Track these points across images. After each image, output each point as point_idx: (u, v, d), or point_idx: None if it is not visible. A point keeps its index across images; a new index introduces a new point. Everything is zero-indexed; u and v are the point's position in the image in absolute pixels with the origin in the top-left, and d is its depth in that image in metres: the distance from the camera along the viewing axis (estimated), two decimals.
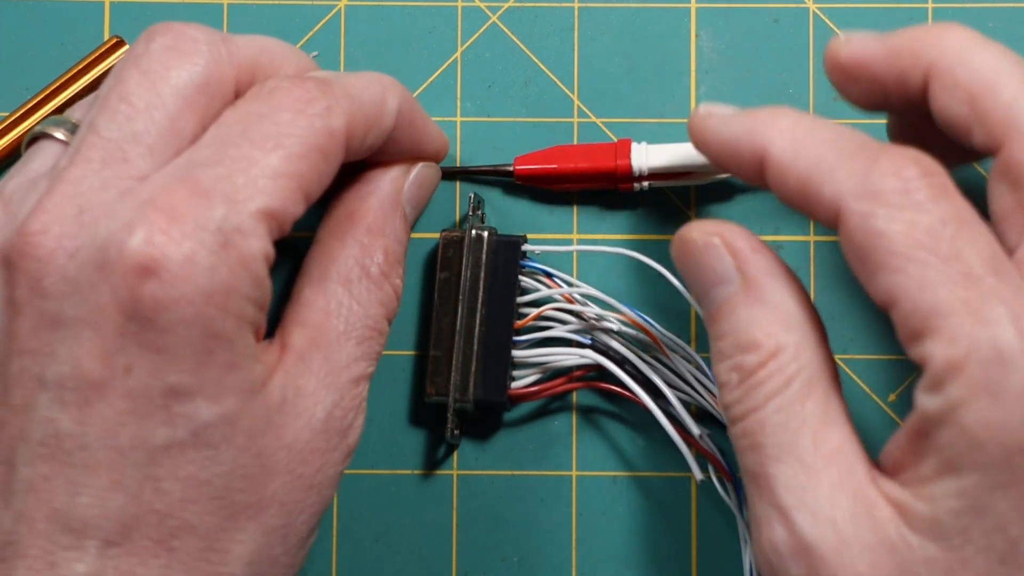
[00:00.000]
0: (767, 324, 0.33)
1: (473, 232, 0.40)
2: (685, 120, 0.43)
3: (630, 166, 0.41)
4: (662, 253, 0.43)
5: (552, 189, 0.42)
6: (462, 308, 0.40)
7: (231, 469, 0.32)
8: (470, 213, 0.41)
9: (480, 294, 0.40)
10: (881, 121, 0.41)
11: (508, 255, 0.41)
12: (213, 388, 0.32)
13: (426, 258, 0.42)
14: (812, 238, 0.43)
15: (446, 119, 0.43)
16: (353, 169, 0.38)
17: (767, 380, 0.33)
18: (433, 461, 0.42)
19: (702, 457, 0.40)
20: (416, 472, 0.42)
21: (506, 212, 0.43)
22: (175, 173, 0.32)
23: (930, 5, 0.43)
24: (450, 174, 0.42)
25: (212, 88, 0.34)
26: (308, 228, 0.38)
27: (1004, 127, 0.33)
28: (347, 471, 0.42)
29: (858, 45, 0.35)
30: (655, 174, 0.41)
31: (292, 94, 0.34)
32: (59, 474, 0.32)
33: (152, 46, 0.34)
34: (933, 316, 0.30)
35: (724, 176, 0.41)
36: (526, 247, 0.41)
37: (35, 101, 0.42)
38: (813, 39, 0.43)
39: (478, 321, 0.40)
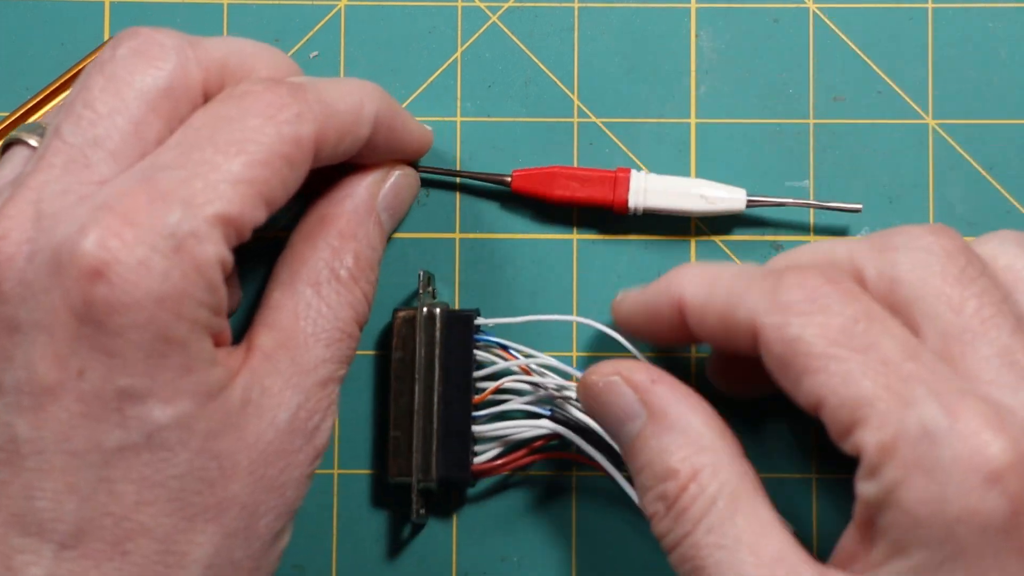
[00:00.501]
0: (679, 449, 0.35)
1: (425, 310, 0.40)
2: (685, 120, 0.43)
3: (627, 202, 0.41)
4: (664, 254, 0.43)
5: (547, 202, 0.42)
6: (419, 387, 0.40)
7: (187, 471, 0.32)
8: (420, 291, 0.41)
9: (436, 371, 0.40)
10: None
11: (461, 330, 0.40)
12: (166, 391, 0.32)
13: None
14: (812, 237, 0.43)
15: (446, 119, 0.43)
16: (333, 173, 0.38)
17: (691, 504, 0.34)
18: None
19: None
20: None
21: (506, 210, 0.43)
22: (135, 176, 0.32)
23: (930, 5, 0.43)
24: (448, 178, 0.42)
25: (177, 92, 0.34)
26: (287, 228, 0.38)
27: (753, 334, 0.34)
28: (346, 471, 0.42)
29: (628, 302, 0.39)
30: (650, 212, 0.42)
31: (263, 99, 0.34)
32: (16, 479, 0.32)
33: (118, 52, 0.34)
34: (859, 406, 0.31)
35: (722, 212, 0.42)
36: (479, 320, 0.41)
37: (35, 101, 0.42)
38: (813, 39, 0.43)
39: (436, 399, 0.40)
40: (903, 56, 0.43)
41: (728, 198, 0.41)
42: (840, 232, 0.42)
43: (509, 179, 0.42)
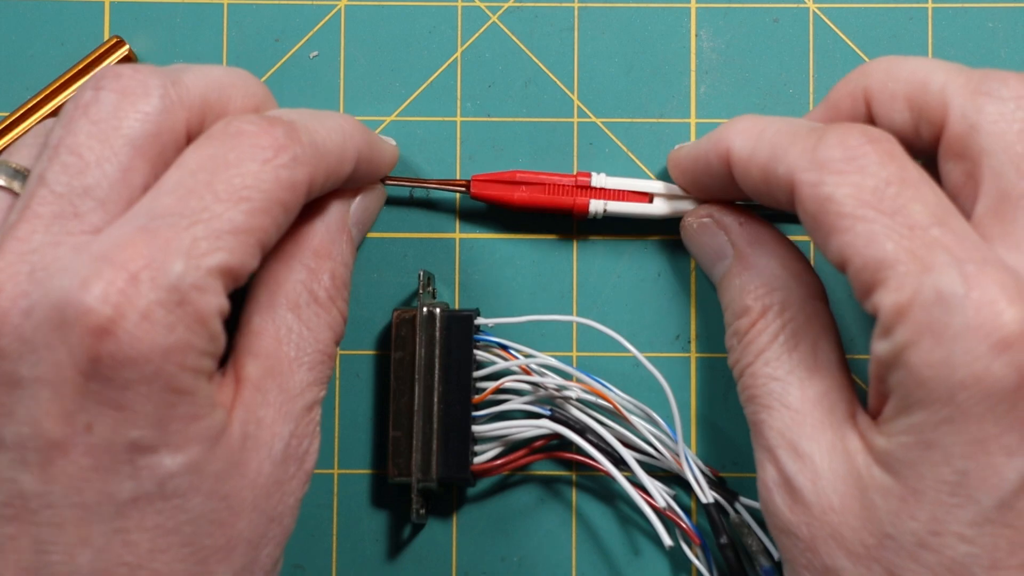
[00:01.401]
0: (754, 288, 0.37)
1: (424, 310, 0.40)
2: (685, 120, 0.43)
3: (587, 207, 0.41)
4: (664, 254, 0.43)
5: (507, 208, 0.42)
6: (419, 387, 0.40)
7: (199, 515, 0.32)
8: (420, 291, 0.41)
9: (436, 372, 0.40)
10: None
11: (461, 330, 0.41)
12: (176, 439, 0.31)
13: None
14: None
15: (446, 119, 0.43)
16: None
17: (756, 338, 0.37)
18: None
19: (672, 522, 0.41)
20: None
21: (506, 210, 0.43)
22: (132, 225, 0.32)
23: (930, 5, 0.43)
24: (408, 200, 0.42)
25: (164, 136, 0.33)
26: None
27: (940, 111, 0.35)
28: (346, 471, 0.42)
29: (682, 152, 0.40)
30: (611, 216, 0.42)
31: (260, 141, 0.33)
32: (25, 533, 0.31)
33: (102, 94, 0.33)
34: (881, 268, 0.32)
35: (676, 214, 0.42)
36: (479, 320, 0.41)
37: (35, 101, 0.42)
38: (813, 39, 0.43)
39: (436, 399, 0.40)
40: None
41: (690, 198, 0.41)
42: None
43: (466, 184, 0.42)
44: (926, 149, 0.36)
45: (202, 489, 0.32)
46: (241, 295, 0.36)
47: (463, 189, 0.42)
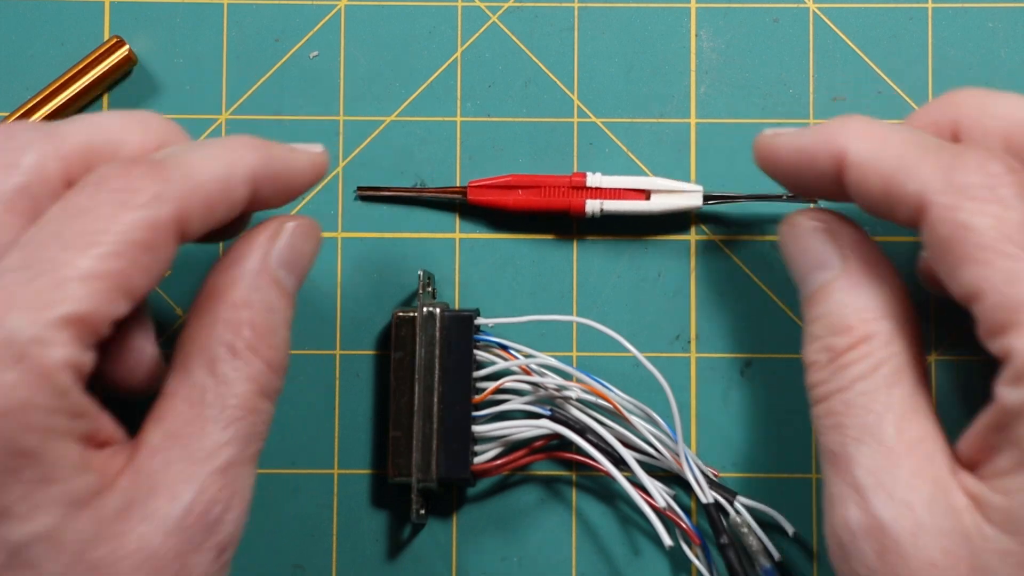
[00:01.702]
0: (862, 310, 0.34)
1: (425, 310, 0.40)
2: (685, 120, 0.43)
3: (584, 208, 0.41)
4: (664, 254, 0.43)
5: (504, 212, 0.42)
6: (419, 387, 0.40)
7: None
8: (420, 291, 0.41)
9: (436, 372, 0.40)
10: None
11: (461, 330, 0.40)
12: (23, 506, 0.30)
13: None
14: None
15: (446, 119, 0.43)
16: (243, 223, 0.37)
17: (856, 362, 0.34)
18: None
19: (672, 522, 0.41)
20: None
21: (506, 210, 0.43)
22: None
23: (930, 5, 0.43)
24: (407, 199, 0.42)
25: (34, 188, 0.32)
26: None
27: (919, 210, 0.33)
28: (346, 471, 0.42)
29: (781, 141, 0.36)
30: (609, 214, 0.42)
31: (116, 184, 0.32)
32: None
33: None
34: (1019, 310, 0.30)
35: (679, 209, 0.42)
36: (479, 320, 0.41)
37: (35, 101, 0.42)
38: (813, 39, 0.43)
39: (436, 399, 0.40)
40: (903, 56, 0.43)
41: (687, 193, 0.41)
42: None
43: (463, 191, 0.42)
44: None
45: (60, 559, 0.30)
46: None
47: (460, 196, 0.42)
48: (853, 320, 0.34)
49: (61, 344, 0.30)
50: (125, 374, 0.35)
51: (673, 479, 0.42)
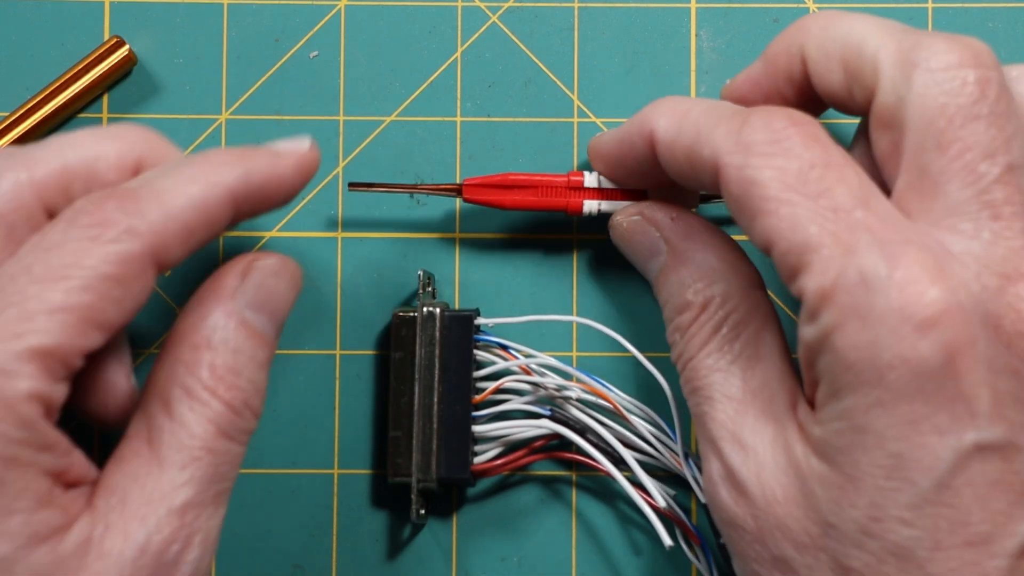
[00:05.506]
0: (695, 283, 0.37)
1: (424, 310, 0.40)
2: None
3: (581, 208, 0.41)
4: None
5: (502, 209, 0.42)
6: (419, 387, 0.40)
7: None
8: (420, 291, 0.41)
9: (436, 371, 0.40)
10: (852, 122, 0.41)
11: (461, 330, 0.41)
12: None
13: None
14: None
15: (446, 119, 0.43)
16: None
17: (698, 332, 0.36)
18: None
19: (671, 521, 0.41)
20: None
21: (506, 209, 0.43)
22: None
23: (930, 5, 0.43)
24: (400, 191, 0.42)
25: (10, 216, 0.33)
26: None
27: (872, 77, 0.34)
28: (346, 471, 0.42)
29: (605, 136, 0.39)
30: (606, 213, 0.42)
31: (88, 219, 0.32)
32: None
33: None
34: (805, 252, 0.32)
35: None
36: (479, 320, 0.41)
37: (35, 101, 0.42)
38: None
39: (436, 399, 0.40)
40: None
41: (685, 192, 0.41)
42: None
43: (458, 187, 0.41)
44: (860, 112, 0.35)
45: None
46: None
47: (455, 194, 0.42)
48: (689, 295, 0.37)
49: (27, 376, 0.30)
50: (99, 407, 0.35)
51: (673, 479, 0.42)
